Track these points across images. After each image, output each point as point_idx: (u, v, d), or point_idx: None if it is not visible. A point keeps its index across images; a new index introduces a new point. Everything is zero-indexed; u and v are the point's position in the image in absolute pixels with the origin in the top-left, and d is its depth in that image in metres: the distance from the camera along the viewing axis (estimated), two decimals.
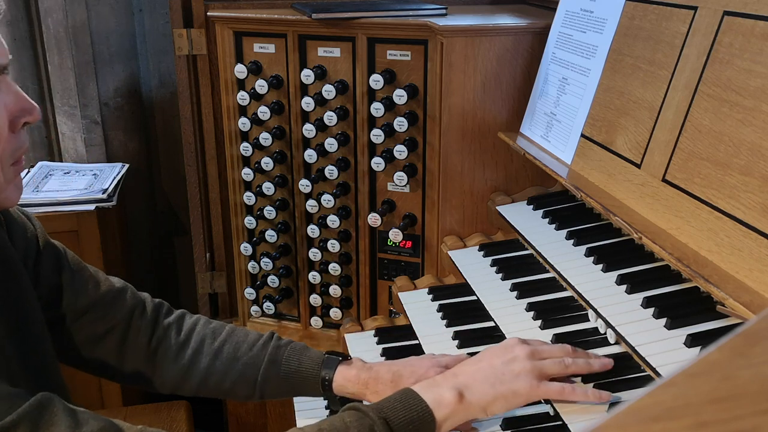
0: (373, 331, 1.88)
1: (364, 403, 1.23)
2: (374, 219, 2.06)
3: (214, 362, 1.42)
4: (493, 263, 1.77)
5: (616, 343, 1.38)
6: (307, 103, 2.06)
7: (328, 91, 2.03)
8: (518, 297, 1.60)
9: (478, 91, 1.88)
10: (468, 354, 1.56)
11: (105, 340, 1.42)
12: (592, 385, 1.27)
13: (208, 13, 2.17)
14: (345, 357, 1.42)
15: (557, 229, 1.67)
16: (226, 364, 1.42)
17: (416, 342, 1.71)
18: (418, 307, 1.83)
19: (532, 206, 1.83)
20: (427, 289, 1.91)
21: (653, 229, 1.35)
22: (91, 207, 2.46)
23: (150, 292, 1.54)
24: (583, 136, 1.68)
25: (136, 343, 1.43)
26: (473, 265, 1.81)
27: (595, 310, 1.38)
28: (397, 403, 1.17)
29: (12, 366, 1.19)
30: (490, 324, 1.61)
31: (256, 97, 2.14)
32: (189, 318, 1.49)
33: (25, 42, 2.79)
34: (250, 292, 2.34)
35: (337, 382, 1.39)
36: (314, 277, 2.26)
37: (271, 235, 2.23)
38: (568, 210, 1.74)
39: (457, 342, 1.62)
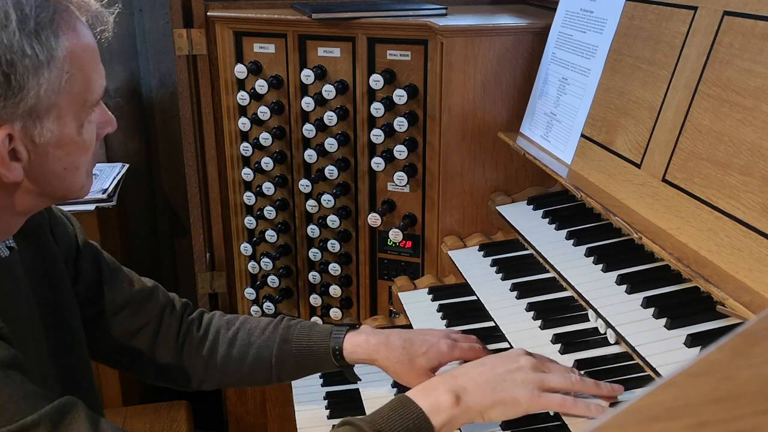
0: None
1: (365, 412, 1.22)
2: (374, 219, 2.06)
3: (230, 350, 1.46)
4: (493, 263, 1.77)
5: (616, 343, 1.38)
6: (307, 103, 2.06)
7: (328, 91, 2.03)
8: (518, 297, 1.60)
9: (478, 91, 1.88)
10: None
11: (138, 337, 1.45)
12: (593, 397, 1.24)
13: (208, 13, 2.17)
14: (354, 326, 1.44)
15: (557, 229, 1.67)
16: (241, 350, 1.45)
17: None
18: (418, 307, 1.83)
19: (532, 206, 1.83)
20: (427, 289, 1.91)
21: (653, 229, 1.35)
22: (91, 207, 2.46)
23: None
24: (583, 136, 1.68)
25: (166, 340, 1.47)
26: (473, 265, 1.81)
27: (595, 310, 1.38)
28: (391, 412, 1.15)
29: (46, 364, 1.21)
30: (490, 324, 1.61)
31: (256, 97, 2.14)
32: (207, 314, 1.54)
33: None
34: (250, 292, 2.34)
35: (347, 349, 1.39)
36: (314, 277, 2.26)
37: (271, 235, 2.23)
38: (568, 210, 1.74)
39: None
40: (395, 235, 2.05)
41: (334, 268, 2.21)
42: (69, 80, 1.05)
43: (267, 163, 2.17)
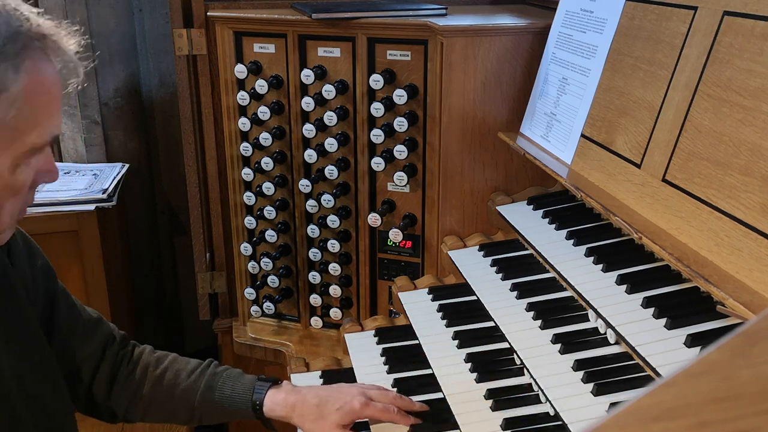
0: (373, 331, 1.88)
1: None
2: (374, 219, 2.06)
3: (155, 389, 1.49)
4: (493, 263, 1.77)
5: (616, 343, 1.38)
6: (307, 103, 2.06)
7: (328, 91, 2.03)
8: (518, 297, 1.60)
9: (478, 91, 1.88)
10: (466, 354, 1.57)
11: (83, 367, 1.47)
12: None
13: (208, 13, 2.17)
14: (276, 381, 1.48)
15: (557, 229, 1.67)
16: (167, 390, 1.48)
17: (416, 342, 1.71)
18: (418, 307, 1.83)
19: (532, 206, 1.83)
20: (427, 289, 1.91)
21: (653, 229, 1.35)
22: (91, 207, 2.46)
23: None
24: (583, 136, 1.68)
25: (102, 373, 1.49)
26: (473, 265, 1.81)
27: (595, 310, 1.38)
28: None
29: (7, 384, 1.23)
30: (490, 324, 1.61)
31: (256, 97, 2.14)
32: (137, 348, 1.56)
33: None
34: (250, 292, 2.34)
35: (267, 405, 1.45)
36: (314, 277, 2.26)
37: (271, 235, 2.23)
38: (568, 210, 1.74)
39: (457, 342, 1.62)
40: (395, 235, 2.05)
41: (334, 268, 2.21)
42: (16, 117, 1.05)
43: (267, 163, 2.17)
